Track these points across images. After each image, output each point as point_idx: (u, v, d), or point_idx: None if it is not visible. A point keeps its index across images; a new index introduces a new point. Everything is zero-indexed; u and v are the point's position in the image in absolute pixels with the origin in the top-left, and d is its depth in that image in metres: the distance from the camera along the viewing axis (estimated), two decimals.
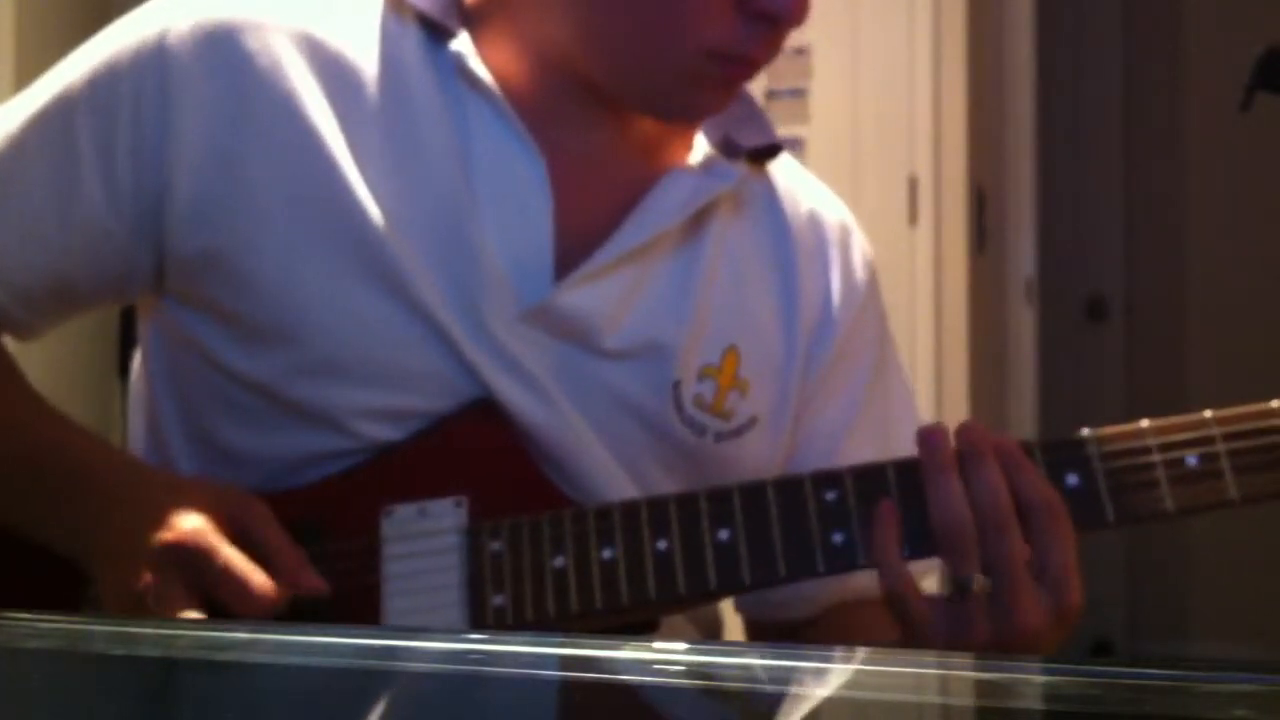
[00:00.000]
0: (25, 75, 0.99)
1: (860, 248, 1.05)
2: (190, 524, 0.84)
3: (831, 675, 0.60)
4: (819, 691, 0.58)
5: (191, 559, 0.82)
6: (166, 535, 0.83)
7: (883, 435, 1.02)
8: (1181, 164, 3.73)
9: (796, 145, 2.65)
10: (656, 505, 0.87)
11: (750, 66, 0.91)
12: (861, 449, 0.99)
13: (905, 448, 0.90)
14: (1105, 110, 3.81)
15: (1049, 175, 3.34)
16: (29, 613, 0.66)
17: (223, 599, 0.82)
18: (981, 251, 2.80)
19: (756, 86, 0.96)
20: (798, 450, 1.01)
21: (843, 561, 0.86)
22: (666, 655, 0.63)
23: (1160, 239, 3.78)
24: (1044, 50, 3.14)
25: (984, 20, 2.81)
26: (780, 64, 2.73)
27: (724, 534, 0.86)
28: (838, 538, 0.85)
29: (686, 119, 0.97)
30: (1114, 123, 3.82)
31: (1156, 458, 0.85)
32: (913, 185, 2.66)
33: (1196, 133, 3.68)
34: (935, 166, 2.66)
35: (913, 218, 2.65)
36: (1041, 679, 0.56)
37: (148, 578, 0.83)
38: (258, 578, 0.82)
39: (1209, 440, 0.85)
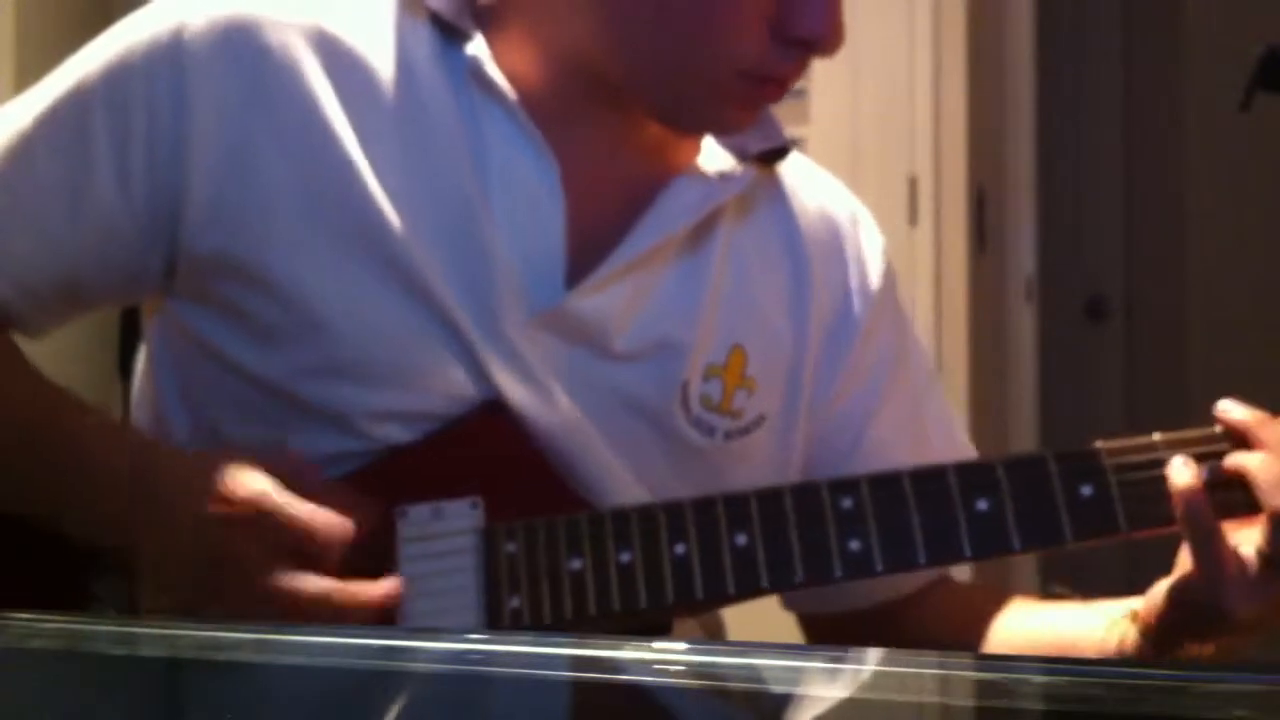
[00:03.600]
0: (25, 75, 0.98)
1: (873, 238, 1.05)
2: (255, 485, 0.84)
3: (833, 675, 0.61)
4: (820, 691, 0.58)
5: (264, 519, 0.83)
6: (238, 498, 0.84)
7: (912, 418, 1.03)
8: (1181, 164, 3.73)
9: (796, 145, 2.63)
10: (673, 510, 0.87)
11: (780, 88, 0.90)
12: (887, 435, 1.00)
13: (934, 430, 0.96)
14: (1105, 110, 3.81)
15: (1049, 175, 3.33)
16: (29, 613, 0.66)
17: (305, 551, 0.83)
18: (981, 251, 2.80)
19: None
20: (821, 442, 1.01)
21: (860, 568, 0.86)
22: (667, 655, 0.63)
23: (1160, 239, 3.77)
24: (1044, 50, 3.13)
25: (984, 20, 2.80)
26: None
27: (741, 539, 0.86)
28: (854, 545, 0.86)
29: (708, 133, 0.97)
30: (1114, 123, 3.82)
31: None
32: (913, 185, 2.65)
33: (1196, 133, 3.67)
34: (935, 166, 2.66)
35: (913, 218, 2.65)
36: (1041, 679, 0.56)
37: (229, 544, 0.83)
38: (334, 521, 0.84)
39: (1220, 454, 0.85)
